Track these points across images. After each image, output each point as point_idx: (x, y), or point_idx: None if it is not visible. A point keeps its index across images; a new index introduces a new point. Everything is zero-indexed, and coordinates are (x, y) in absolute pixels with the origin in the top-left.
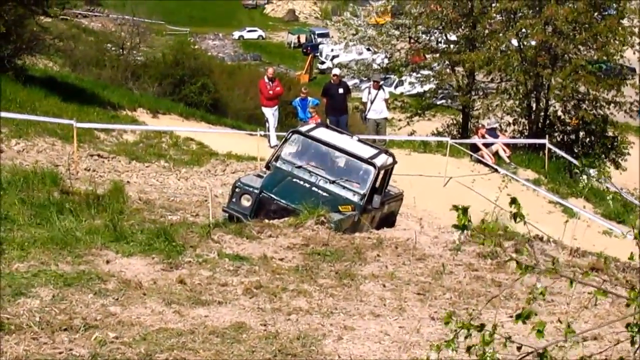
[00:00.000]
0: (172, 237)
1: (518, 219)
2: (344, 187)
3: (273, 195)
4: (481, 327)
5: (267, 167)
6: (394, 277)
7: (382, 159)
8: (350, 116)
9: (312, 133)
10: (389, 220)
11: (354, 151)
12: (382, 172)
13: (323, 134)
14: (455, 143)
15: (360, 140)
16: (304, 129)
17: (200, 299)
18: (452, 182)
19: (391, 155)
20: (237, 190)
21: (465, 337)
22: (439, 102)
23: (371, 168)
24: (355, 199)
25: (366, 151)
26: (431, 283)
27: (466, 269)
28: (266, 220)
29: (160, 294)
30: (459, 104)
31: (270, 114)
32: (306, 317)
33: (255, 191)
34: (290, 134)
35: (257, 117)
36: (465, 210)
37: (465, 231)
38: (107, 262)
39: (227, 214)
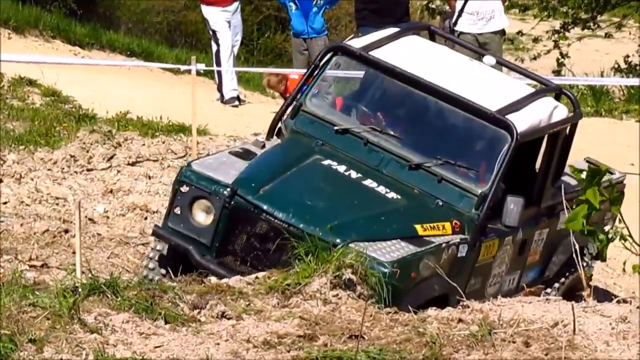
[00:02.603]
0: None
1: None
2: (441, 179)
3: (258, 202)
4: None
5: (273, 132)
6: None
7: (535, 114)
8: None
9: (380, 51)
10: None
11: (467, 95)
12: (538, 140)
13: (405, 51)
14: None
15: (501, 63)
16: (358, 42)
17: None
18: None
19: (569, 98)
20: (183, 189)
21: None
22: None
23: (503, 135)
24: (463, 205)
25: (501, 94)
26: None
27: None
28: (224, 280)
29: None
30: None
31: (222, 20)
32: None
33: (223, 192)
34: (330, 53)
35: (192, 32)
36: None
37: None
38: None
39: (163, 244)
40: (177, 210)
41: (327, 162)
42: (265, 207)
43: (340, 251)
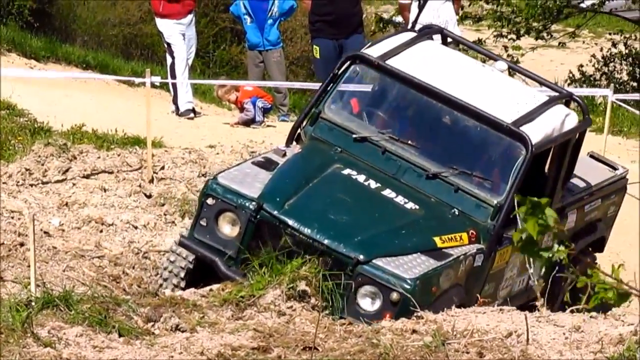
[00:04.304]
0: None
1: None
2: (458, 189)
3: (283, 217)
4: None
5: (293, 138)
6: None
7: (548, 124)
8: (370, 38)
9: (397, 59)
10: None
11: (483, 104)
12: (549, 151)
13: (421, 58)
14: (622, 102)
15: (513, 68)
16: (375, 50)
17: None
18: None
19: (579, 105)
20: (209, 201)
21: None
22: (584, 3)
23: (518, 147)
24: (479, 215)
25: (516, 103)
26: None
27: None
28: (179, 292)
29: None
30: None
31: (176, 33)
32: None
33: (249, 205)
34: (348, 62)
35: (147, 44)
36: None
37: None
38: None
39: (189, 253)
40: (203, 222)
41: (347, 171)
42: (290, 223)
43: (295, 263)
